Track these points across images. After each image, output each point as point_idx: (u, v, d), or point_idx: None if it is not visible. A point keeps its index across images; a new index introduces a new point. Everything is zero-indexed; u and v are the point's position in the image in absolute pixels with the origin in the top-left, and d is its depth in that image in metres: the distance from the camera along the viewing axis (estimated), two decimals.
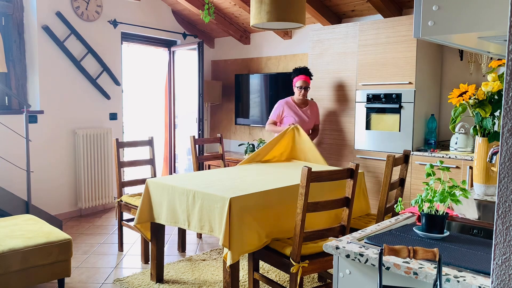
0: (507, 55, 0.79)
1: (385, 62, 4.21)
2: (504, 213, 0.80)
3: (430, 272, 1.21)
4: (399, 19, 4.12)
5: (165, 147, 6.47)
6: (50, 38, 4.74)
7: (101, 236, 4.37)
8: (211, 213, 2.66)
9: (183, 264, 3.65)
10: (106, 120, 5.33)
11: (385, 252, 1.17)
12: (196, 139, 4.23)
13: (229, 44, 6.36)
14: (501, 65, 2.05)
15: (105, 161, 5.21)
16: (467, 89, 2.10)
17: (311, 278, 3.40)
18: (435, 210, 1.54)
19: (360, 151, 4.45)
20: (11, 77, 4.64)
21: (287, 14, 3.24)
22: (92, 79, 5.11)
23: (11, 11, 4.59)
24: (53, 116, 4.82)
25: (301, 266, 2.40)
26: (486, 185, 2.12)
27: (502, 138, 0.80)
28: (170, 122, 6.38)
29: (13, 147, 4.44)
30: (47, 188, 4.79)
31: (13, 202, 4.04)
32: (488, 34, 1.17)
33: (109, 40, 5.29)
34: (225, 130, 6.46)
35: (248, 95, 5.95)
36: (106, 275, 3.43)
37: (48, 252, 2.86)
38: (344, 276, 1.45)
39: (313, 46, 4.79)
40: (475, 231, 1.68)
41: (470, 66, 4.20)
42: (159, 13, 5.87)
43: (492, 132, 2.07)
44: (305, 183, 2.33)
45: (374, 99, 4.30)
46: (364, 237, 1.51)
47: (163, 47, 6.19)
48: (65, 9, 4.87)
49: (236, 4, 5.21)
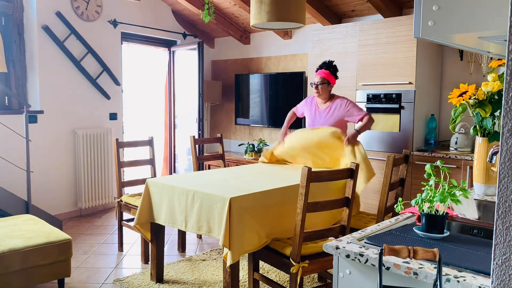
0: (507, 55, 0.79)
1: (385, 62, 4.21)
2: (504, 213, 0.80)
3: (430, 272, 1.21)
4: (399, 19, 4.12)
5: (165, 147, 6.47)
6: (50, 38, 4.74)
7: (101, 236, 4.37)
8: (210, 213, 2.66)
9: (183, 264, 3.65)
10: (106, 120, 5.33)
11: (385, 252, 1.17)
12: (196, 139, 4.23)
13: (229, 44, 6.36)
14: (501, 65, 2.05)
15: (105, 161, 5.20)
16: (467, 89, 2.10)
17: (311, 278, 3.40)
18: (435, 210, 1.54)
19: None
20: (11, 77, 4.64)
21: (287, 14, 3.24)
22: (92, 79, 5.11)
23: (11, 11, 4.59)
24: (53, 116, 4.82)
25: (301, 266, 2.40)
26: (486, 185, 2.11)
27: (502, 138, 0.80)
28: (170, 122, 6.38)
29: (13, 147, 4.44)
30: (47, 188, 4.79)
31: (13, 202, 4.04)
32: (488, 34, 1.17)
33: (109, 40, 5.29)
34: (225, 130, 6.46)
35: (248, 95, 5.95)
36: (106, 275, 3.43)
37: (48, 252, 2.85)
38: (344, 276, 1.45)
39: (313, 46, 4.79)
40: (475, 231, 1.68)
41: (470, 66, 4.19)
42: (159, 13, 5.87)
43: (492, 132, 2.07)
44: (305, 183, 2.33)
45: (374, 99, 4.30)
46: (364, 237, 1.51)
47: (163, 47, 6.19)
48: (65, 9, 4.87)
49: (236, 4, 5.21)
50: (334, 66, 3.69)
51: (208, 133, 6.59)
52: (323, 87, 3.62)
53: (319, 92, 3.64)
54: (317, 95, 3.68)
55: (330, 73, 3.64)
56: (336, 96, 3.72)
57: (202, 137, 5.89)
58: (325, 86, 3.62)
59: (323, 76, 3.62)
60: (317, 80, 3.63)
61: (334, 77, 3.68)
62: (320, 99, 3.72)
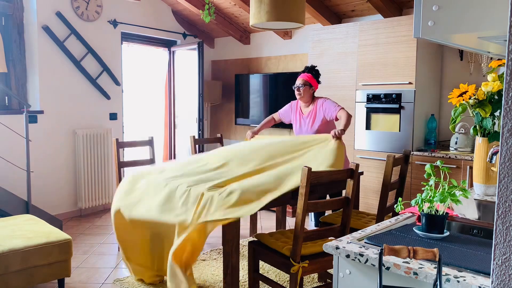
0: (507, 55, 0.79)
1: (385, 62, 4.21)
2: (504, 213, 0.80)
3: (430, 272, 1.21)
4: (399, 19, 4.12)
5: (165, 147, 6.47)
6: (50, 38, 4.74)
7: (101, 236, 4.37)
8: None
9: None
10: (106, 120, 5.33)
11: (385, 252, 1.17)
12: (196, 139, 4.23)
13: (229, 44, 6.36)
14: (501, 65, 2.05)
15: (105, 161, 5.20)
16: (467, 89, 2.10)
17: (311, 278, 3.40)
18: (435, 210, 1.54)
19: (360, 151, 4.45)
20: (11, 77, 4.64)
21: (286, 14, 3.24)
22: (92, 79, 5.11)
23: (11, 11, 4.59)
24: (53, 116, 4.82)
25: (301, 266, 2.40)
26: (486, 185, 2.12)
27: (502, 138, 0.80)
28: (170, 122, 6.38)
29: (13, 147, 4.44)
30: (47, 188, 4.79)
31: (13, 202, 4.04)
32: (488, 34, 1.17)
33: (109, 40, 5.29)
34: (225, 130, 6.46)
35: (248, 95, 5.95)
36: (106, 275, 3.43)
37: (48, 252, 2.85)
38: (344, 276, 1.45)
39: (313, 46, 4.79)
40: (475, 231, 1.68)
41: (470, 66, 4.20)
42: (159, 13, 5.87)
43: (492, 132, 2.07)
44: (305, 183, 2.33)
45: (374, 99, 4.30)
46: (364, 237, 1.51)
47: (163, 47, 6.19)
48: (65, 9, 4.87)
49: (236, 4, 5.22)
50: (316, 71, 3.81)
51: (208, 133, 6.60)
52: (305, 89, 3.70)
53: (300, 93, 3.71)
54: (298, 97, 3.76)
55: (312, 76, 3.75)
56: (316, 98, 3.80)
57: (202, 137, 5.89)
58: (307, 88, 3.71)
59: (305, 79, 3.72)
60: (299, 82, 3.73)
61: (316, 81, 3.77)
62: (303, 102, 3.79)
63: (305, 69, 3.81)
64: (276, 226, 4.18)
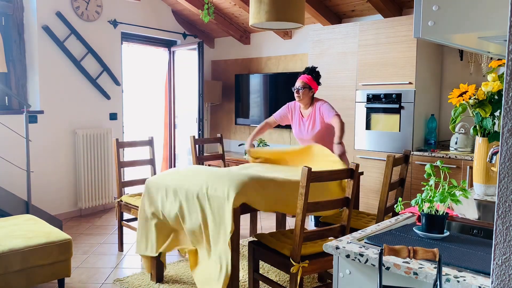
0: (507, 55, 0.79)
1: (385, 62, 4.21)
2: (504, 213, 0.80)
3: (430, 272, 1.21)
4: (399, 19, 4.12)
5: (165, 147, 6.47)
6: (50, 38, 4.74)
7: (101, 236, 4.37)
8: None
9: (183, 264, 3.65)
10: (106, 120, 5.33)
11: (385, 252, 1.17)
12: (196, 139, 4.23)
13: (229, 44, 6.36)
14: (501, 65, 2.05)
15: (105, 161, 5.20)
16: (467, 89, 2.10)
17: (311, 278, 3.40)
18: (435, 210, 1.54)
19: (360, 151, 4.45)
20: (11, 77, 4.64)
21: (286, 14, 3.23)
22: (92, 79, 5.11)
23: (11, 11, 4.59)
24: (53, 116, 4.82)
25: (301, 266, 2.40)
26: (486, 185, 2.12)
27: (502, 138, 0.80)
28: (170, 122, 6.38)
29: (13, 147, 4.44)
30: (47, 188, 4.79)
31: (13, 202, 4.04)
32: (488, 34, 1.17)
33: (109, 40, 5.29)
34: (225, 130, 6.46)
35: (248, 95, 5.95)
36: (106, 275, 3.43)
37: (48, 252, 2.85)
38: (344, 276, 1.45)
39: (313, 46, 4.79)
40: (475, 231, 1.68)
41: (470, 66, 4.20)
42: (159, 13, 5.87)
43: (492, 132, 2.07)
44: (305, 183, 2.33)
45: (374, 99, 4.30)
46: (364, 237, 1.51)
47: (163, 47, 6.19)
48: (65, 9, 4.87)
49: (236, 4, 5.22)
50: (317, 72, 3.69)
51: (208, 133, 6.60)
52: (304, 91, 3.61)
53: (299, 96, 3.62)
54: (298, 100, 3.65)
55: (312, 79, 3.64)
56: (315, 99, 3.70)
57: (202, 137, 5.89)
58: (306, 90, 3.61)
59: (305, 81, 3.61)
60: (298, 84, 3.62)
61: (316, 83, 3.67)
62: (302, 104, 3.70)
63: (306, 70, 3.70)
64: (276, 226, 4.18)
